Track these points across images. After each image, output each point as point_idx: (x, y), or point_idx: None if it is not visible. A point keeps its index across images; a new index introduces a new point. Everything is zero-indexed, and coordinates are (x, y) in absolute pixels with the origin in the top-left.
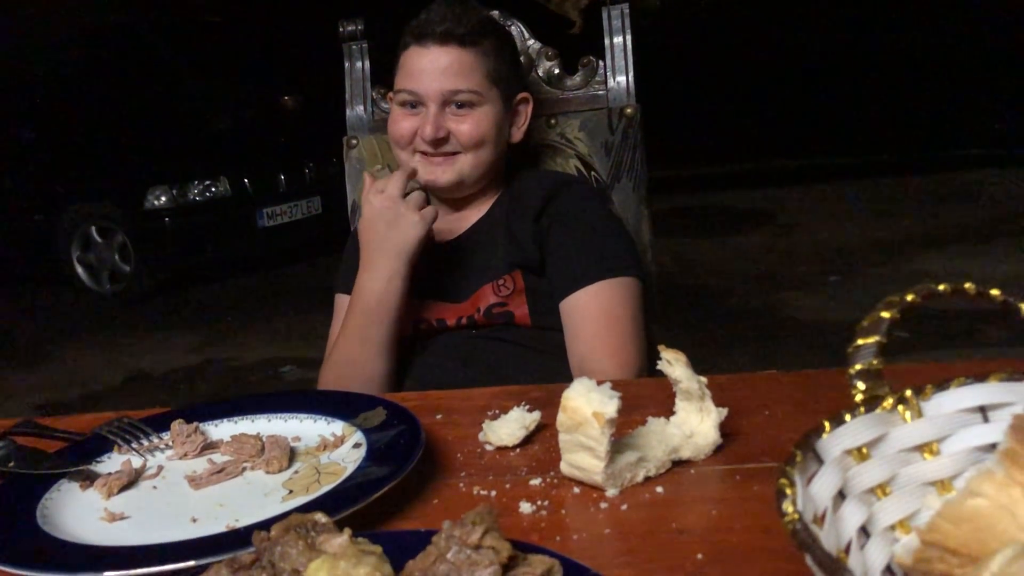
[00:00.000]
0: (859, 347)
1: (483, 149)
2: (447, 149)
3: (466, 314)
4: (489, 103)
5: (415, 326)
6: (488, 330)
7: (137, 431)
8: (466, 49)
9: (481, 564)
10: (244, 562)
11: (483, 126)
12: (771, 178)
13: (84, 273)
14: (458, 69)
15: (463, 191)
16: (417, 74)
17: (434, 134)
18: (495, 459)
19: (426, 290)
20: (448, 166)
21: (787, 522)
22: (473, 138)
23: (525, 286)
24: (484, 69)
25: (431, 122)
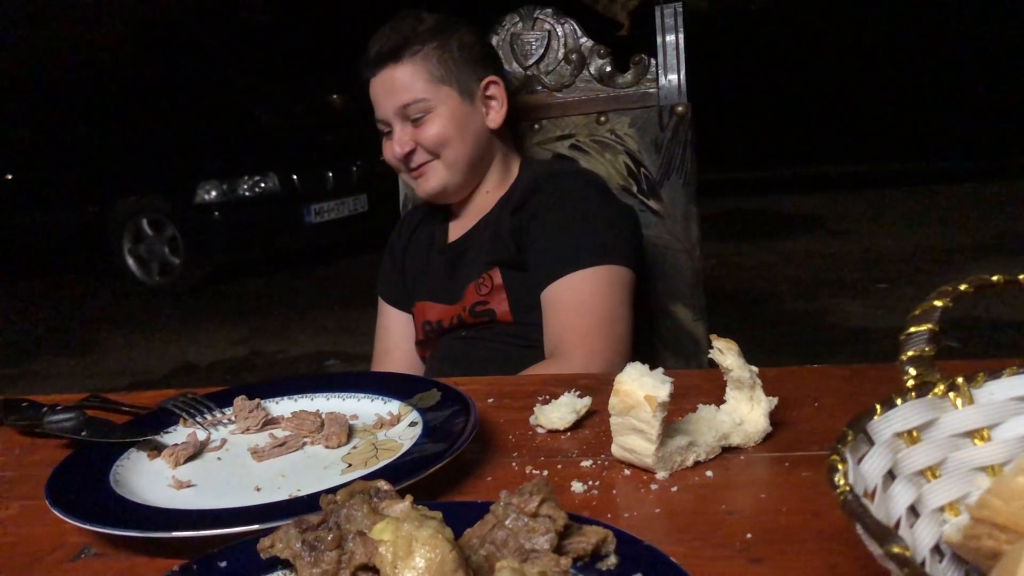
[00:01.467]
0: (911, 334)
1: (450, 149)
2: (418, 160)
3: (455, 314)
4: (441, 103)
5: (423, 328)
6: (475, 330)
7: (201, 406)
8: (399, 64)
9: (538, 531)
10: (312, 523)
11: (440, 127)
12: (820, 183)
13: (134, 265)
14: (399, 85)
15: (456, 195)
16: (376, 102)
17: (401, 150)
18: (546, 441)
19: (430, 293)
20: (428, 176)
21: (838, 493)
22: (433, 141)
23: (504, 283)
24: (424, 75)
25: (396, 141)
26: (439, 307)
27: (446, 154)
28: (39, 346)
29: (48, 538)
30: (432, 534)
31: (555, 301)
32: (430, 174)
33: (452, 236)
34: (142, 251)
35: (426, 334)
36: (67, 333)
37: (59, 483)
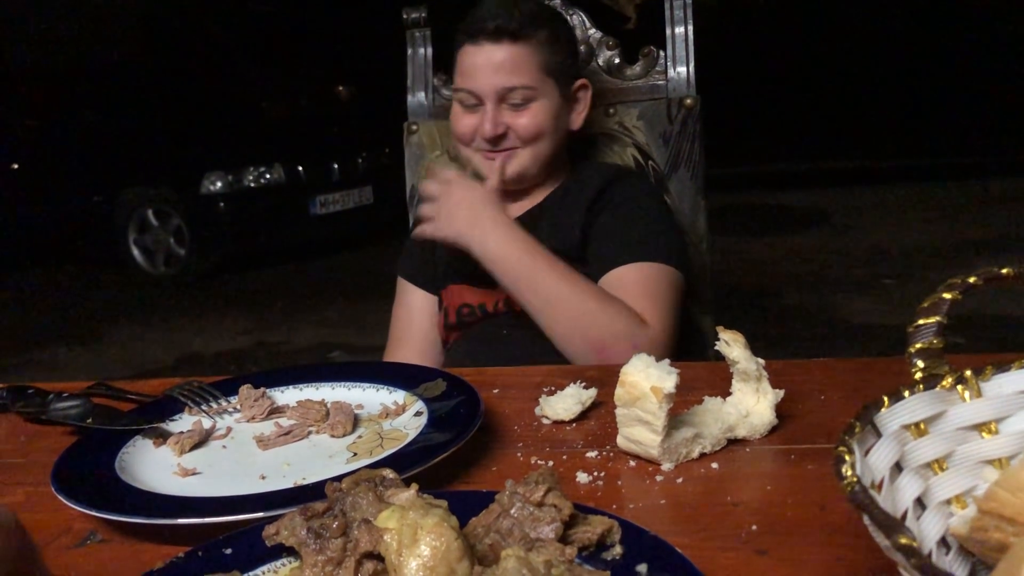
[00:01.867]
0: (919, 327)
1: (541, 142)
2: (506, 145)
3: (503, 297)
4: (545, 96)
5: (458, 312)
6: (524, 316)
7: (206, 394)
8: (518, 44)
9: (543, 520)
10: (317, 510)
11: (540, 119)
12: (827, 179)
13: (140, 255)
14: (511, 65)
15: (524, 184)
16: (472, 73)
17: (493, 131)
18: (551, 432)
19: (473, 276)
20: (508, 161)
21: (845, 484)
22: (531, 132)
23: None
24: (538, 62)
25: (489, 120)
26: (479, 291)
27: (537, 146)
28: (44, 335)
29: (54, 524)
30: (437, 522)
31: (617, 282)
32: (515, 160)
33: None
34: (147, 241)
35: (460, 318)
36: (72, 323)
37: (65, 469)
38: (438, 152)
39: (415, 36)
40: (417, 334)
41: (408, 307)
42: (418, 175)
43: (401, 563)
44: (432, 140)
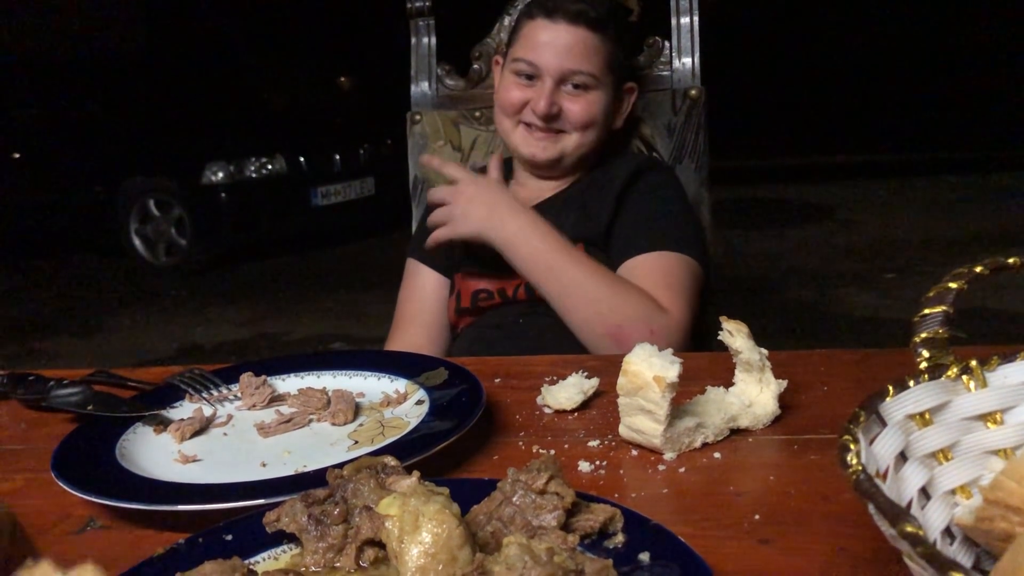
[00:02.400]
0: (925, 316)
1: (589, 131)
2: (555, 126)
3: (523, 283)
4: (603, 88)
5: (474, 298)
6: (543, 304)
7: (207, 381)
8: (594, 32)
9: (546, 508)
10: (318, 497)
11: (594, 109)
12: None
13: (141, 245)
14: (582, 50)
15: (559, 169)
16: (540, 47)
17: (547, 109)
18: (553, 421)
19: (491, 260)
20: (551, 143)
21: (850, 472)
22: (583, 120)
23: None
24: (605, 54)
25: (546, 97)
26: (497, 277)
27: (584, 134)
28: (45, 325)
29: (53, 510)
30: (439, 509)
31: (637, 270)
32: (558, 142)
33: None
34: (149, 231)
35: (476, 302)
36: (73, 312)
37: (65, 456)
38: (441, 142)
39: (419, 25)
40: (427, 316)
41: (419, 288)
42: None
43: (402, 550)
44: (435, 130)
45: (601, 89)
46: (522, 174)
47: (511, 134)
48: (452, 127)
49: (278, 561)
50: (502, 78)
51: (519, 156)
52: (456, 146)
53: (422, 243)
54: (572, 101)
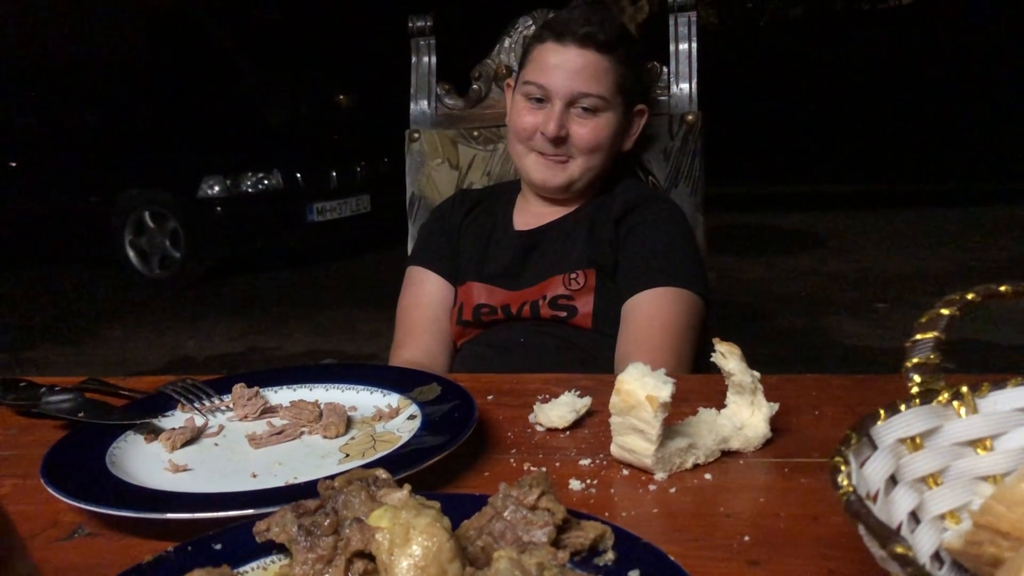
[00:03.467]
0: (917, 342)
1: (596, 155)
2: (563, 151)
3: (530, 299)
4: (612, 111)
5: (475, 312)
6: (547, 325)
7: (199, 392)
8: (603, 55)
9: (536, 524)
10: (309, 508)
11: (602, 133)
12: (823, 202)
13: (135, 257)
14: (591, 73)
15: (568, 193)
16: (550, 70)
17: (556, 132)
18: (545, 439)
19: (495, 276)
20: (561, 169)
21: (841, 493)
22: (590, 144)
23: (596, 286)
24: (614, 77)
25: (555, 119)
26: (500, 292)
27: (590, 158)
28: (36, 334)
29: (41, 517)
30: (430, 523)
31: (634, 311)
32: (564, 169)
33: (524, 224)
34: (143, 243)
35: (478, 316)
36: (65, 322)
37: (55, 462)
38: (439, 160)
39: (420, 44)
40: (438, 323)
41: (427, 294)
42: (418, 183)
43: (392, 562)
44: (433, 148)
45: (611, 111)
46: (529, 197)
47: (523, 159)
48: (450, 145)
49: (267, 571)
50: (513, 102)
51: (530, 182)
52: (454, 165)
53: (424, 250)
54: (581, 125)
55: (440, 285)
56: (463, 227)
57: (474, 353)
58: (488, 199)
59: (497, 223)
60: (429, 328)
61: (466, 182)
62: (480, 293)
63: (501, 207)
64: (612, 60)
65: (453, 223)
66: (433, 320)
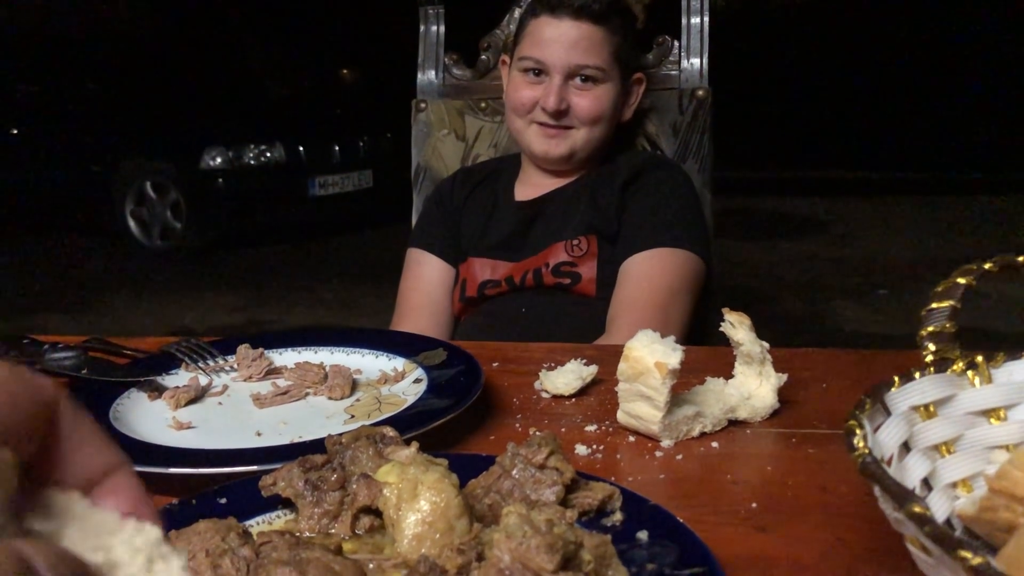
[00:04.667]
0: (932, 310)
1: (598, 126)
2: (564, 122)
3: (533, 268)
4: (611, 81)
5: (480, 289)
6: (550, 294)
7: (203, 352)
8: (598, 25)
9: (545, 483)
10: (315, 463)
11: (602, 103)
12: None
13: (136, 227)
14: (588, 44)
15: (570, 164)
16: (546, 43)
17: (556, 105)
18: (551, 406)
19: (497, 248)
20: (562, 139)
21: (856, 455)
22: (591, 114)
23: (598, 251)
24: (611, 47)
25: (554, 92)
26: (502, 264)
27: (592, 128)
28: (36, 303)
29: None
30: (438, 479)
31: (627, 272)
32: (567, 139)
33: (525, 195)
34: (144, 214)
35: (483, 292)
36: (65, 291)
37: None
38: (445, 131)
39: (428, 13)
40: (434, 305)
41: (425, 277)
42: (424, 154)
43: (400, 518)
44: (440, 119)
45: (609, 82)
46: (529, 169)
47: (523, 133)
48: (457, 116)
49: (272, 526)
50: (510, 78)
51: (532, 154)
52: (460, 136)
53: (425, 232)
54: (580, 96)
55: (438, 268)
56: (467, 204)
57: (476, 324)
58: (490, 175)
59: (498, 197)
60: (425, 311)
61: (472, 154)
62: (483, 269)
63: (502, 181)
64: (607, 30)
65: (454, 203)
66: (430, 303)
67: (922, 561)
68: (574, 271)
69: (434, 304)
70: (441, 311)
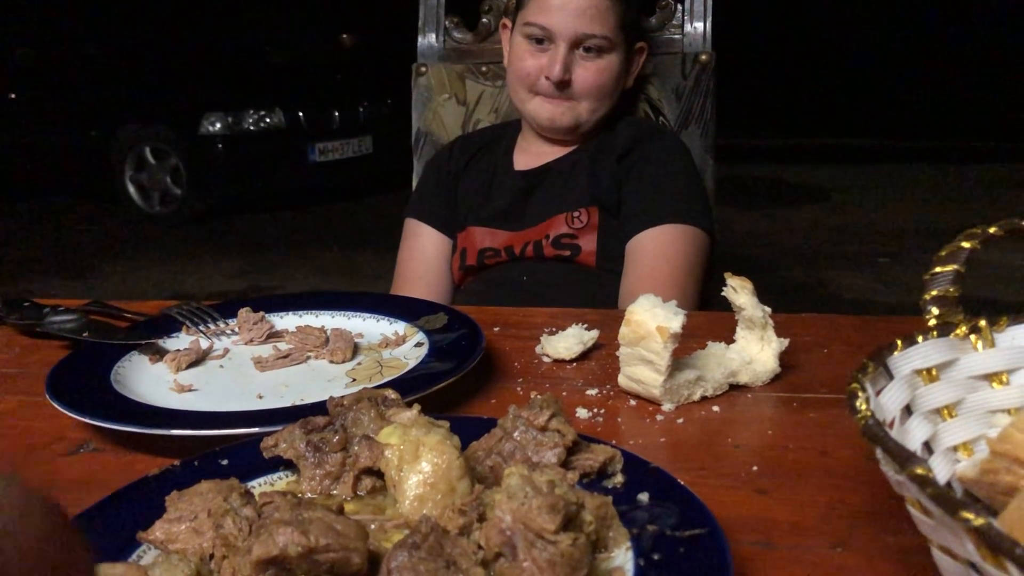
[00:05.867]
0: (936, 274)
1: (601, 98)
2: (567, 93)
3: (533, 239)
4: (616, 51)
5: (480, 257)
6: (550, 264)
7: (204, 315)
8: None
9: (546, 445)
10: (317, 424)
11: (605, 76)
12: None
13: (136, 193)
14: (595, 13)
15: (575, 134)
16: (552, 10)
17: (561, 75)
18: (552, 370)
19: (496, 218)
20: (568, 108)
21: (859, 418)
22: (595, 85)
23: (599, 223)
24: (617, 15)
25: (559, 62)
26: (502, 233)
27: (596, 101)
28: (35, 267)
29: (47, 432)
30: (440, 440)
31: (639, 249)
32: (570, 110)
33: (524, 164)
34: (144, 179)
35: (482, 260)
36: (65, 257)
37: (60, 378)
38: (446, 95)
39: None
40: (430, 276)
41: (420, 249)
42: (424, 119)
43: (401, 479)
44: (440, 83)
45: (614, 52)
46: (529, 136)
47: (527, 103)
48: (458, 80)
49: (274, 487)
50: (512, 44)
51: (538, 124)
52: (461, 100)
53: (422, 203)
54: (585, 68)
55: (435, 238)
56: (465, 172)
57: (476, 291)
58: (489, 142)
59: (497, 165)
60: (422, 281)
61: (473, 119)
62: (482, 237)
63: (502, 148)
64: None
65: (450, 171)
66: (426, 273)
67: (923, 523)
68: (574, 243)
69: (431, 275)
70: (439, 282)
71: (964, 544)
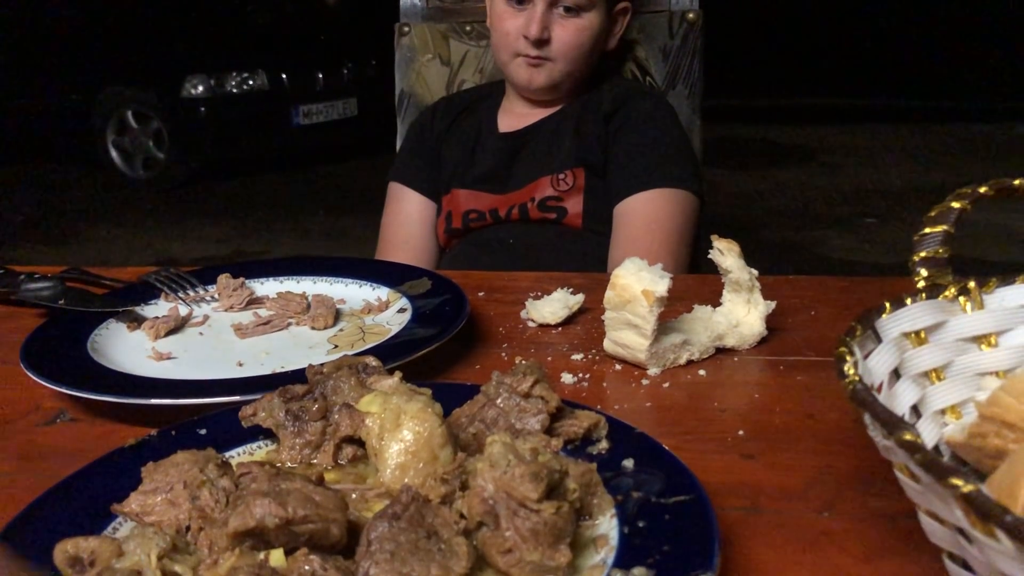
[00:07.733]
0: (925, 235)
1: (578, 58)
2: (545, 52)
3: (519, 202)
4: (595, 10)
5: (465, 217)
6: (537, 226)
7: (183, 281)
8: None
9: (530, 411)
10: (296, 393)
11: (584, 35)
12: (815, 115)
13: (118, 157)
14: None
15: (553, 94)
16: None
17: (538, 33)
18: (537, 335)
19: (481, 181)
20: (543, 70)
21: (847, 382)
22: (572, 46)
23: (585, 185)
24: None
25: (537, 20)
26: (486, 196)
27: (572, 61)
28: (16, 234)
29: (22, 402)
30: (421, 408)
31: (629, 213)
32: (546, 71)
33: (509, 126)
34: (126, 143)
35: (467, 223)
36: (46, 222)
37: (35, 347)
38: (429, 55)
39: None
40: (414, 240)
41: (404, 212)
42: (408, 80)
43: (382, 447)
44: (424, 43)
45: (593, 11)
46: (513, 98)
47: (508, 65)
48: (442, 40)
49: (253, 457)
50: (492, 4)
51: (516, 84)
52: (445, 60)
53: (405, 166)
54: (563, 27)
55: (419, 203)
56: (448, 134)
57: (462, 253)
58: (472, 103)
59: (482, 127)
60: (407, 245)
61: (458, 79)
62: (467, 200)
63: (485, 110)
64: None
65: (433, 133)
66: (411, 237)
67: (911, 488)
68: (560, 206)
69: (415, 239)
70: (423, 246)
71: (952, 510)
